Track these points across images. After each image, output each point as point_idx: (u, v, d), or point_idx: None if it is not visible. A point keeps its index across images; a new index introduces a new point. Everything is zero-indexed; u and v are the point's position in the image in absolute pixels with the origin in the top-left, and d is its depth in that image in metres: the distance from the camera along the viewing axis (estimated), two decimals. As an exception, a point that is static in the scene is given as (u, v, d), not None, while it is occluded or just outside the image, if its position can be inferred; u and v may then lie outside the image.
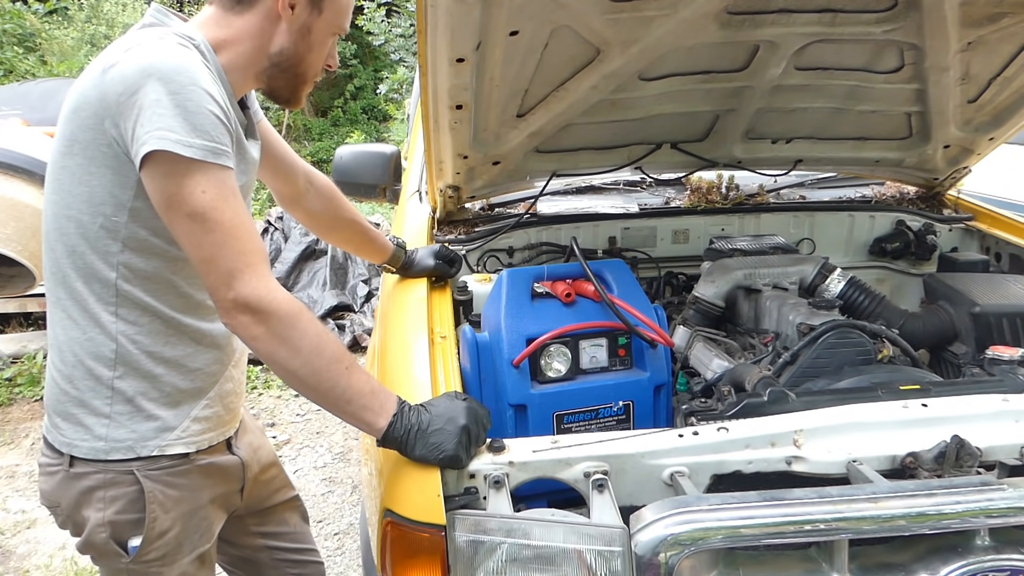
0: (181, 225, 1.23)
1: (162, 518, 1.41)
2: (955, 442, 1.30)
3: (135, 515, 1.40)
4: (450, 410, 1.29)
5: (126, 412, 1.37)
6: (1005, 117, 2.37)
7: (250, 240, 1.25)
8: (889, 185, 2.88)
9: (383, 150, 2.61)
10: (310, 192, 1.80)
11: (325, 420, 4.36)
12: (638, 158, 2.41)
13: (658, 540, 1.14)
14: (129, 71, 1.20)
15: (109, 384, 1.36)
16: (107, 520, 1.39)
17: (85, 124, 1.25)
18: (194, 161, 1.20)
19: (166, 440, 1.41)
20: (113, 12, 9.77)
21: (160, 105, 1.18)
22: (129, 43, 1.26)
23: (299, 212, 1.84)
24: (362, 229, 1.93)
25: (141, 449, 1.38)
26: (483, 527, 1.19)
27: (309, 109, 15.97)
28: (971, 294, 2.09)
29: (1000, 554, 1.22)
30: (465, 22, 1.54)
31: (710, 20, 1.84)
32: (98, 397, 1.36)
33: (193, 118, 1.19)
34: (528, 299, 1.78)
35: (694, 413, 1.60)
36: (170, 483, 1.42)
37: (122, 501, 1.39)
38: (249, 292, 1.22)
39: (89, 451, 1.37)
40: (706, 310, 2.18)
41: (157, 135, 1.18)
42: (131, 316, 1.35)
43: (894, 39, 2.01)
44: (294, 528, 1.85)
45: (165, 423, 1.40)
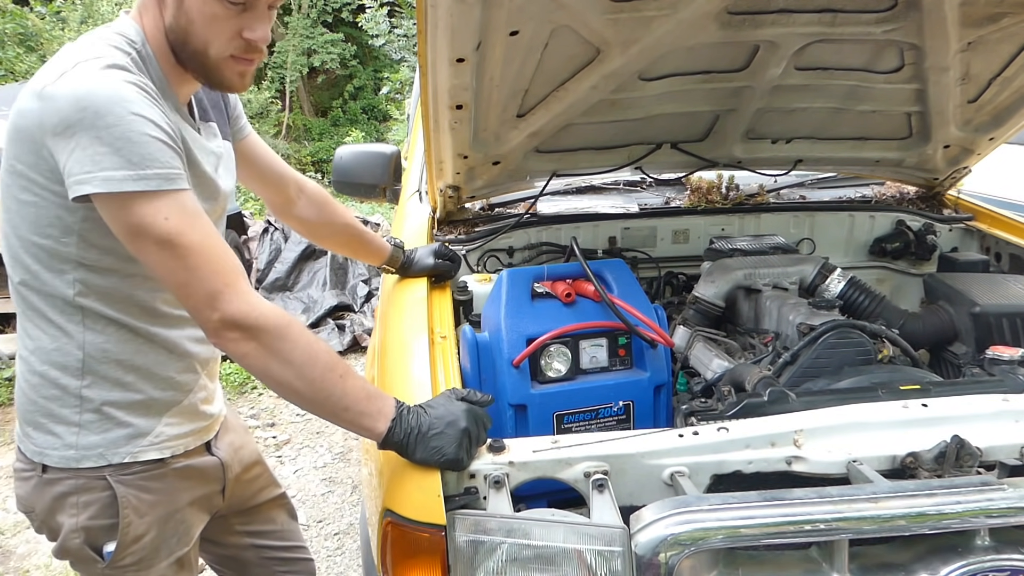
0: (151, 255, 1.19)
1: (136, 523, 1.39)
2: (955, 442, 1.30)
3: (109, 520, 1.38)
4: (450, 412, 1.28)
5: (96, 420, 1.35)
6: (1005, 117, 2.37)
7: (223, 259, 1.22)
8: (889, 185, 2.89)
9: (383, 150, 2.61)
10: (301, 200, 1.79)
11: (324, 420, 4.36)
12: (638, 158, 2.42)
13: (658, 540, 1.14)
14: (63, 103, 1.15)
15: (77, 393, 1.34)
16: (80, 526, 1.37)
17: (26, 148, 1.21)
18: (147, 193, 1.16)
19: (138, 447, 1.38)
20: (108, 12, 9.76)
21: (100, 143, 1.14)
22: (63, 64, 1.20)
23: (292, 220, 1.83)
24: (357, 233, 1.91)
25: (112, 456, 1.36)
26: (483, 527, 1.19)
27: (309, 109, 15.98)
28: (971, 294, 2.09)
29: (1000, 554, 1.22)
30: (465, 22, 1.54)
31: (710, 20, 1.84)
32: (67, 406, 1.34)
33: (137, 148, 1.15)
34: (528, 299, 1.79)
35: (694, 413, 1.60)
36: (144, 487, 1.40)
37: (95, 506, 1.37)
38: (235, 311, 1.19)
39: (60, 459, 1.35)
40: (706, 310, 2.18)
41: (101, 177, 1.14)
42: (97, 326, 1.33)
43: (894, 39, 2.01)
44: (281, 526, 1.83)
45: (137, 430, 1.38)
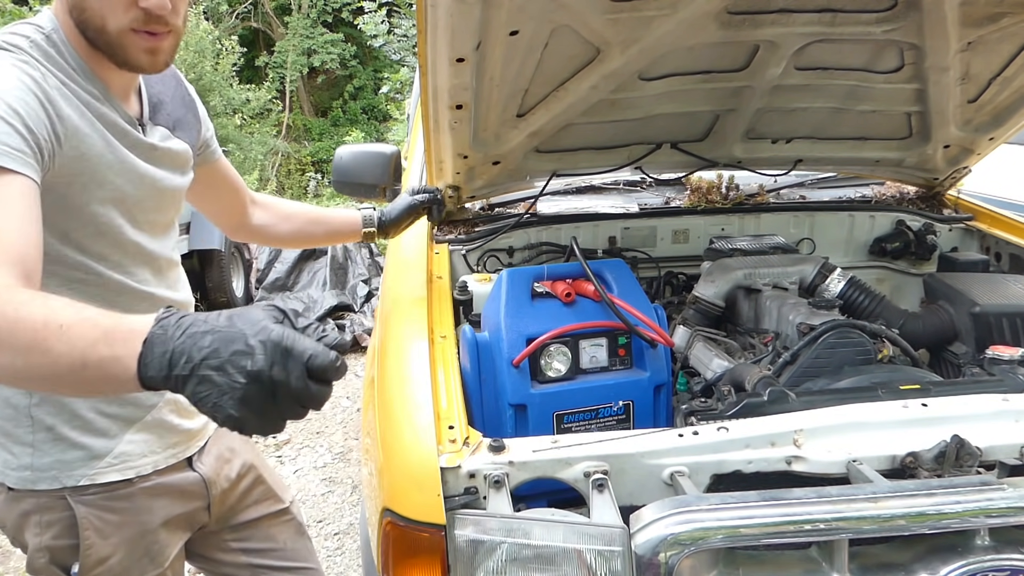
0: None
1: (100, 544, 1.33)
2: (955, 442, 1.30)
3: (71, 541, 1.32)
4: (238, 341, 0.83)
5: (48, 440, 1.29)
6: (1005, 117, 2.37)
7: None
8: (889, 185, 2.88)
9: (383, 150, 2.60)
10: (255, 210, 1.76)
11: (324, 420, 4.36)
12: (638, 158, 2.42)
13: (658, 540, 1.14)
14: None
15: (27, 412, 1.28)
16: (44, 545, 1.33)
17: None
18: None
19: (95, 468, 1.32)
20: None
21: None
22: None
23: (250, 233, 1.77)
24: (317, 214, 1.86)
25: (67, 479, 1.31)
26: (483, 527, 1.19)
27: (309, 109, 15.99)
28: (971, 294, 2.09)
29: (1000, 554, 1.22)
30: (465, 22, 1.54)
31: (710, 20, 1.84)
32: (20, 426, 1.29)
33: None
34: (528, 299, 1.78)
35: (694, 413, 1.60)
36: (108, 507, 1.34)
37: (57, 527, 1.32)
38: None
39: (17, 480, 1.31)
40: (706, 310, 2.18)
41: None
42: None
43: (894, 39, 2.01)
44: (283, 544, 1.70)
45: (92, 451, 1.32)
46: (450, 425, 1.36)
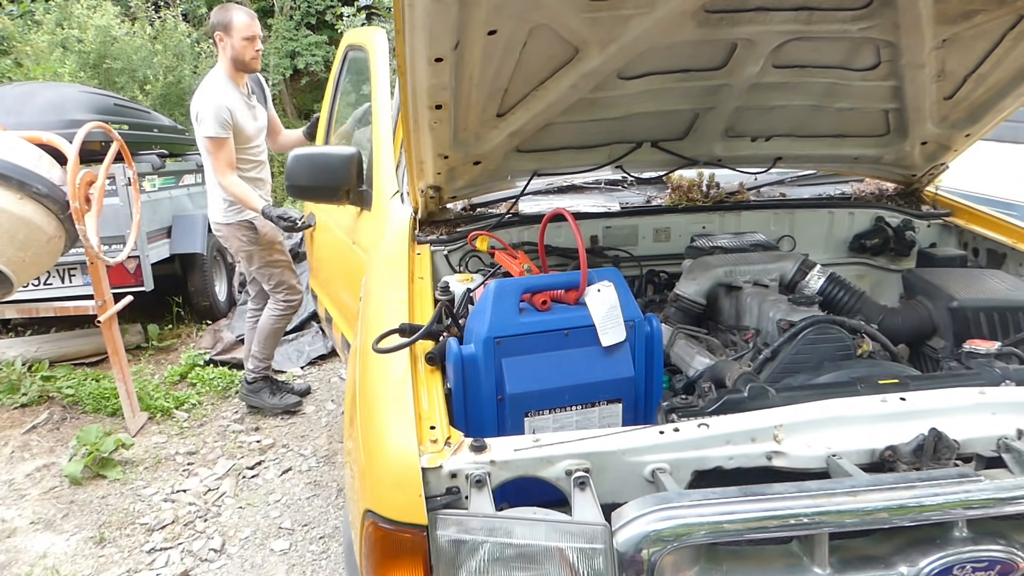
0: None
1: None
2: (933, 435, 1.32)
3: None
4: None
5: None
6: (981, 113, 2.39)
7: None
8: (868, 182, 2.91)
9: (341, 152, 2.53)
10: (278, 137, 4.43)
11: (310, 424, 4.33)
12: (619, 157, 2.42)
13: (640, 537, 1.14)
14: None
15: None
16: None
17: None
18: None
19: None
20: (83, 15, 9.64)
21: None
22: None
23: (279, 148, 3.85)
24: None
25: None
26: (465, 527, 1.18)
27: (292, 111, 15.89)
28: (949, 289, 2.11)
29: (978, 545, 1.23)
30: (443, 21, 1.54)
31: (688, 18, 1.85)
32: None
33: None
34: (515, 313, 1.76)
35: (675, 410, 1.60)
36: None
37: None
38: None
39: None
40: (687, 307, 2.19)
41: None
42: None
43: (870, 36, 2.03)
44: None
45: None
46: (431, 425, 1.35)
